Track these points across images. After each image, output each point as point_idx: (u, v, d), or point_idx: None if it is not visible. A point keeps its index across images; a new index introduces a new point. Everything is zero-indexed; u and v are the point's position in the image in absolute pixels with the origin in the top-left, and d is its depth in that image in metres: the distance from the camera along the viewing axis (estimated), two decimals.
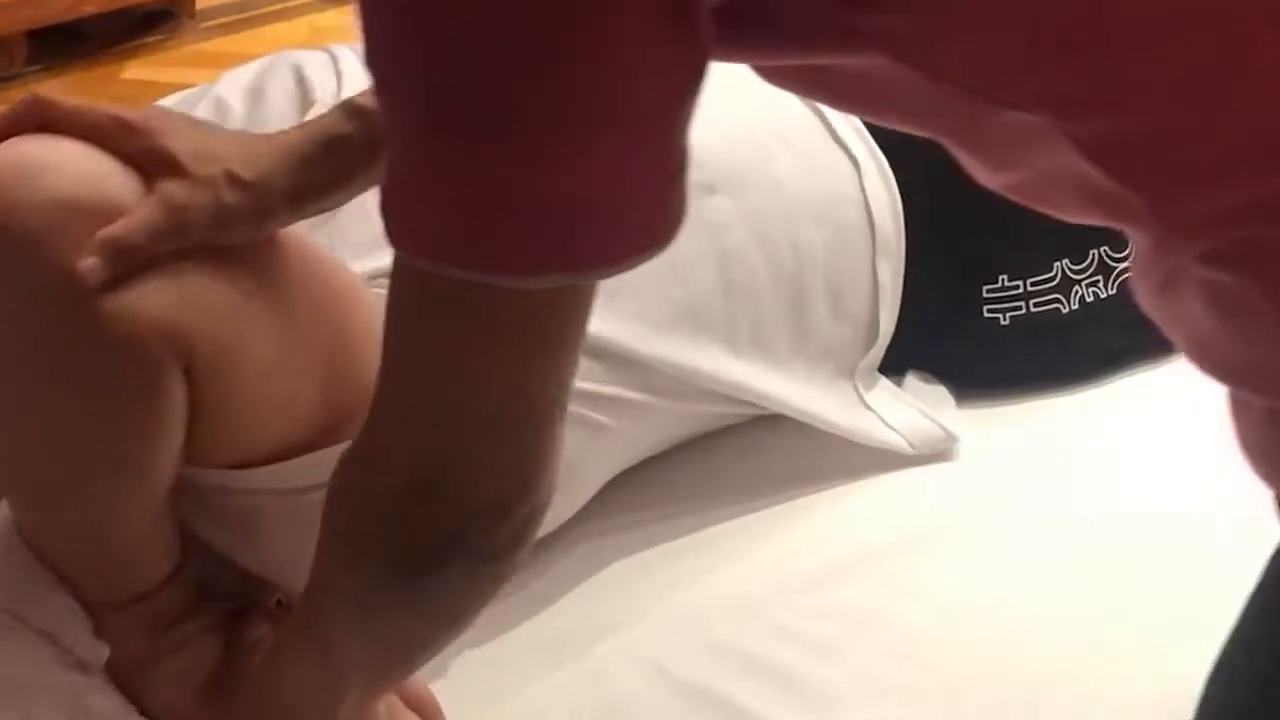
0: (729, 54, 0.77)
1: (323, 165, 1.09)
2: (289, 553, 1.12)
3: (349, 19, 2.89)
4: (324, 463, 1.00)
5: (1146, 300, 0.84)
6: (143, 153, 1.05)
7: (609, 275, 0.76)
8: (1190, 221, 0.76)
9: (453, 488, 0.86)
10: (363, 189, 1.12)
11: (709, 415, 1.45)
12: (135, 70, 2.74)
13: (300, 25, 2.84)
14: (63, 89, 2.65)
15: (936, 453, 1.48)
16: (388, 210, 0.76)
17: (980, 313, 1.52)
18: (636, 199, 0.74)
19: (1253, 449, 0.83)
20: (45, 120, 1.05)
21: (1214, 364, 0.81)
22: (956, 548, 1.40)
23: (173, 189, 1.04)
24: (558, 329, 0.82)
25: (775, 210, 1.41)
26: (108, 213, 1.01)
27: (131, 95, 2.64)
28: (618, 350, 1.34)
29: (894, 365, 1.52)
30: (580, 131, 0.71)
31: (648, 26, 0.71)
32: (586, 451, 1.34)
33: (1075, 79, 0.74)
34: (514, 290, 0.77)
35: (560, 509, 1.35)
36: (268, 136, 1.11)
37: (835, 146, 1.46)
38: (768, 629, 1.32)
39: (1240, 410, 0.83)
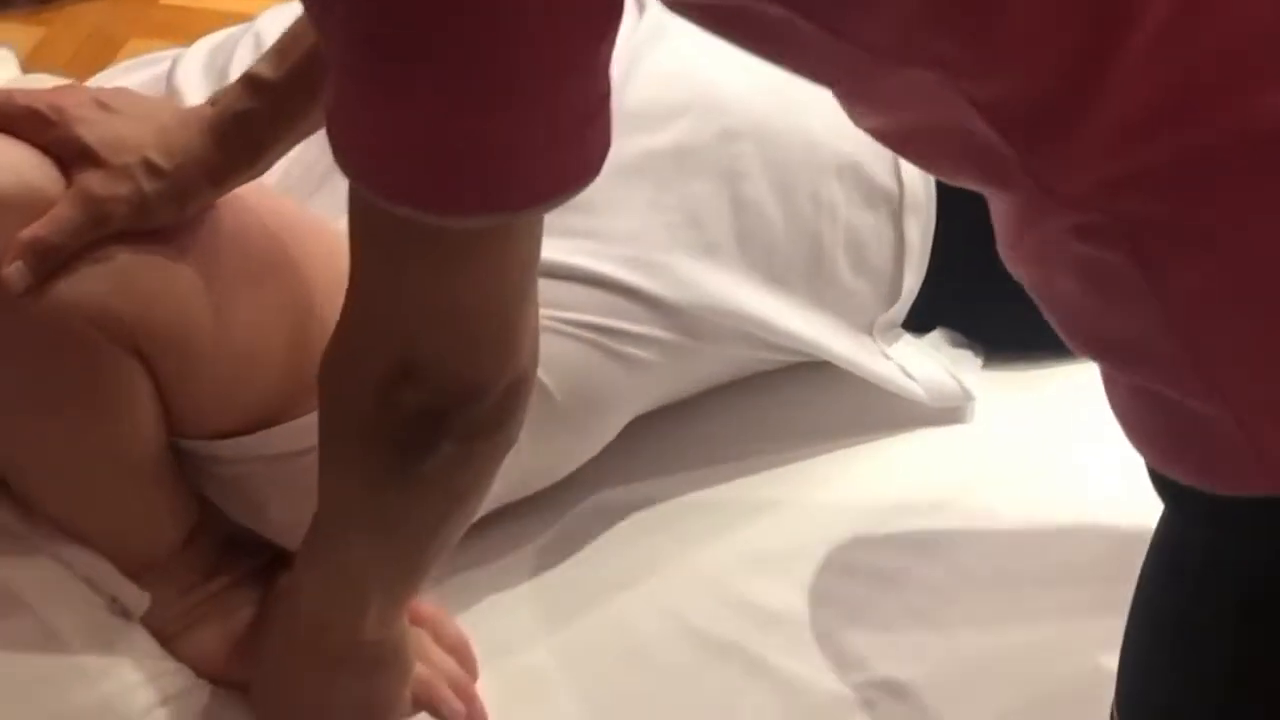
0: None
1: (235, 143, 1.10)
2: (287, 516, 1.15)
3: None
4: (310, 426, 1.05)
5: (1015, 269, 0.86)
6: (58, 144, 1.07)
7: (535, 214, 0.81)
8: (1070, 190, 0.76)
9: (426, 371, 0.90)
10: (279, 156, 1.14)
11: (740, 360, 1.43)
12: None
13: None
14: (100, 13, 2.65)
15: (953, 409, 1.46)
16: (332, 132, 0.80)
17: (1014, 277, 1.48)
18: (559, 139, 0.77)
19: (1124, 420, 0.85)
20: None
21: (1082, 338, 0.83)
22: (973, 510, 1.38)
23: (90, 181, 1.06)
24: (503, 243, 0.86)
25: (799, 163, 1.39)
26: (33, 205, 1.04)
27: (169, 22, 2.62)
28: (650, 293, 1.32)
29: (922, 323, 1.49)
30: (501, 73, 0.74)
31: None
32: (618, 385, 1.33)
33: (972, 42, 0.74)
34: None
35: (588, 443, 1.36)
36: (182, 118, 1.12)
37: None
38: (793, 585, 1.31)
39: (1109, 384, 0.85)
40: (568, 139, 0.77)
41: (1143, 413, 0.83)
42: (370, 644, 1.11)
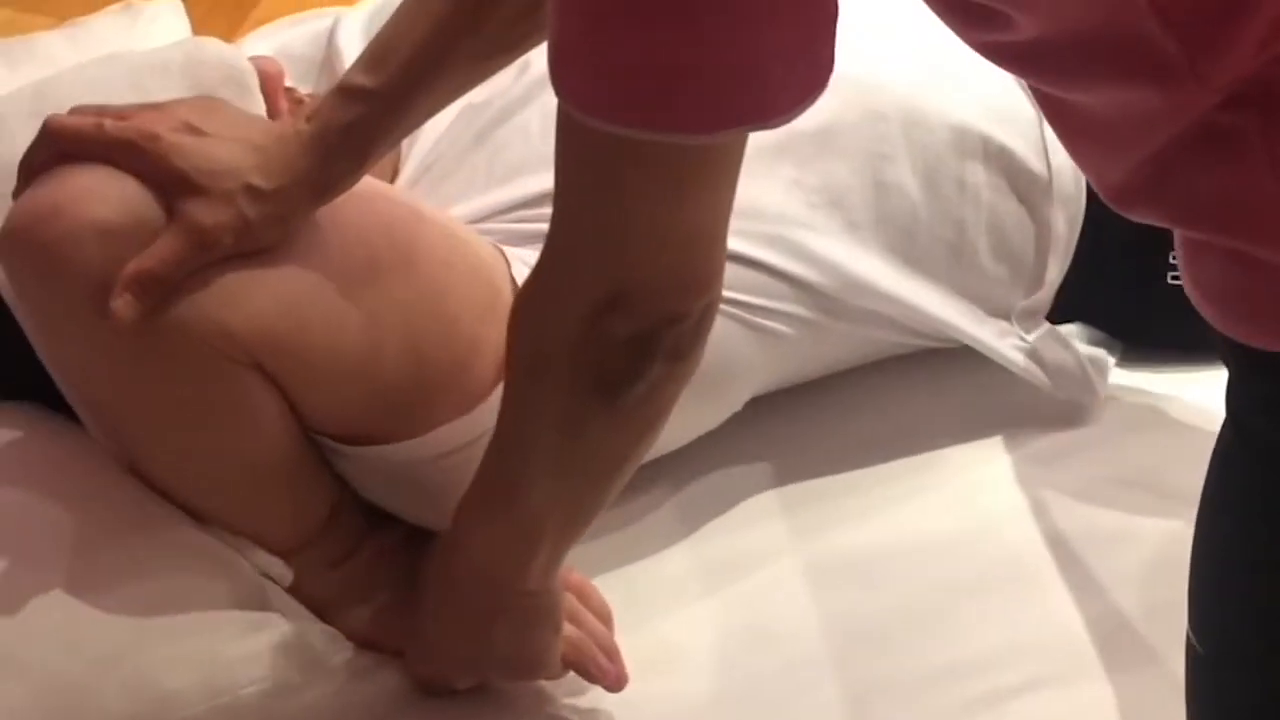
0: None
1: (339, 156, 1.11)
2: (449, 502, 1.15)
3: None
4: (473, 422, 1.13)
5: (1126, 178, 0.89)
6: (157, 173, 1.07)
7: (780, 125, 0.81)
8: (1222, 77, 0.80)
9: (637, 297, 0.92)
10: (380, 158, 1.15)
11: (873, 342, 1.43)
12: None
13: None
14: None
15: (1078, 400, 1.44)
16: (560, 73, 0.81)
17: (1164, 278, 1.47)
18: (799, 52, 0.80)
19: (1207, 290, 0.88)
20: (63, 150, 1.08)
21: (1182, 206, 0.86)
22: (1090, 512, 1.37)
23: (192, 210, 1.07)
24: (726, 162, 0.88)
25: (944, 146, 1.39)
26: (138, 236, 1.06)
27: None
28: (789, 272, 1.33)
29: (1065, 314, 1.48)
30: (756, 4, 0.77)
31: None
32: (748, 355, 1.34)
33: None
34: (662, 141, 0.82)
35: (713, 410, 1.37)
36: (279, 135, 1.11)
37: (1023, 97, 1.42)
38: (922, 578, 1.31)
39: (1197, 252, 0.88)
40: (804, 52, 0.80)
41: (1233, 278, 0.86)
42: (529, 595, 1.12)
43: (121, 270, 1.05)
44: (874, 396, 1.47)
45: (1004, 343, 1.42)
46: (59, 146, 1.09)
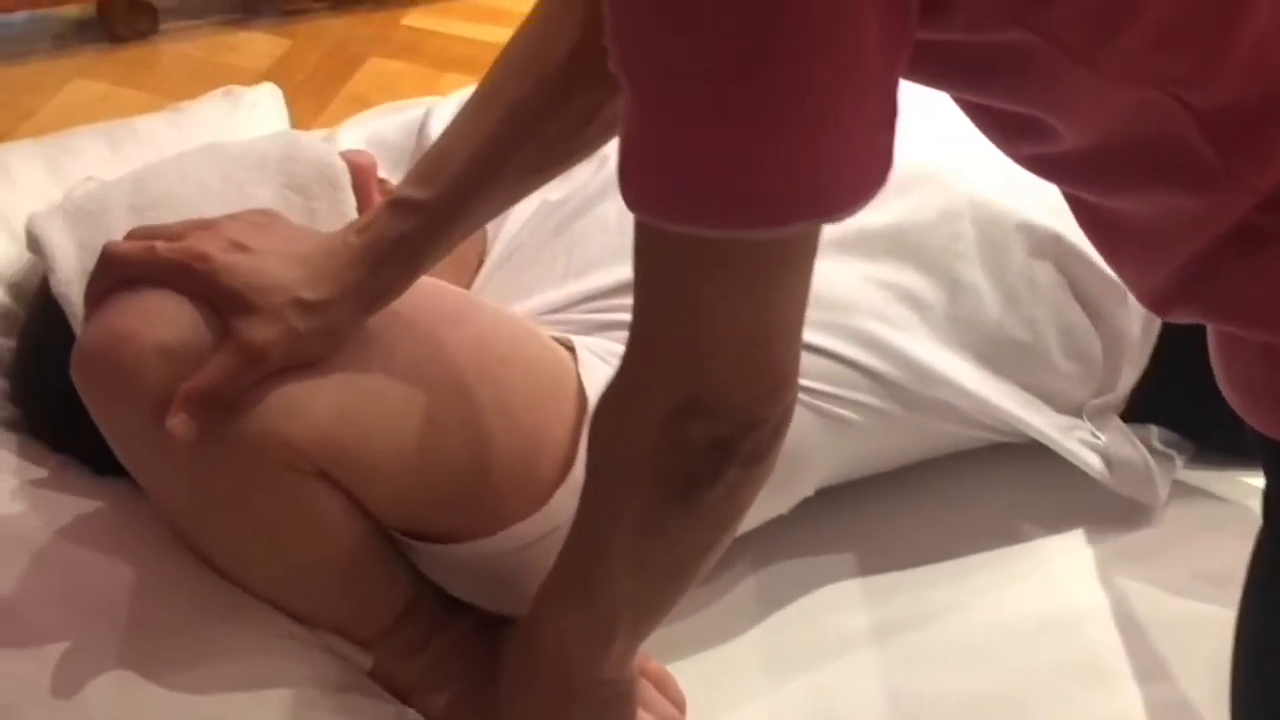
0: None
1: (391, 268, 1.13)
2: (524, 593, 1.16)
3: None
4: (541, 520, 1.16)
5: (1165, 281, 0.91)
6: (209, 294, 1.10)
7: (844, 218, 0.82)
8: (1262, 183, 0.84)
9: (717, 403, 0.93)
10: (430, 269, 1.16)
11: (944, 435, 1.44)
12: (416, 18, 2.79)
13: None
14: (346, 28, 2.73)
15: (1139, 498, 1.45)
16: (632, 177, 0.83)
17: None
18: (862, 146, 0.81)
19: (1239, 384, 0.91)
20: (122, 276, 1.12)
21: (1217, 302, 0.89)
22: (1164, 605, 1.38)
23: (243, 327, 1.09)
24: (797, 258, 0.89)
25: (1015, 245, 1.40)
26: (195, 355, 1.09)
27: (410, 42, 2.70)
28: (862, 364, 1.35)
29: (1138, 413, 1.48)
30: (816, 100, 0.78)
31: (873, 4, 0.77)
32: (819, 442, 1.35)
33: (1205, 58, 0.82)
34: (736, 238, 0.84)
35: (781, 496, 1.37)
36: (329, 248, 1.14)
37: None
38: (1000, 669, 1.32)
39: (1230, 347, 0.91)
40: (867, 146, 0.82)
41: (1264, 372, 0.89)
42: (606, 683, 1.13)
43: (173, 389, 1.08)
44: (954, 487, 1.48)
45: (1072, 438, 1.43)
46: (118, 273, 1.13)
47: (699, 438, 0.94)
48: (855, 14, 0.77)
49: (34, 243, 1.32)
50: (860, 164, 0.82)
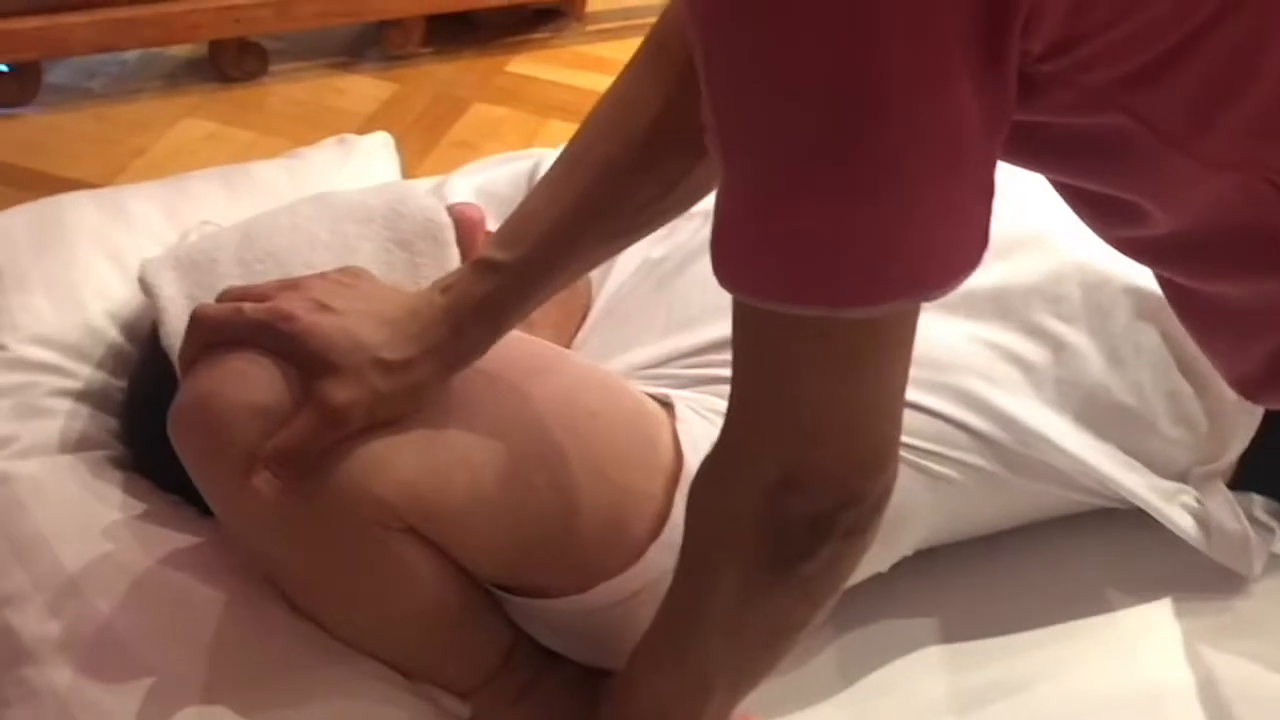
0: None
1: (473, 328, 1.14)
2: (619, 647, 1.17)
3: None
4: (632, 578, 1.16)
5: (1257, 366, 0.91)
6: (292, 354, 1.12)
7: (939, 297, 0.83)
8: None
9: (815, 481, 0.93)
10: (511, 329, 1.16)
11: (1046, 498, 1.43)
12: (520, 64, 2.82)
13: None
14: (451, 74, 2.76)
15: (1235, 568, 1.43)
16: (725, 255, 0.84)
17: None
18: (963, 224, 0.81)
19: None
20: (212, 339, 1.15)
21: None
22: (1255, 682, 1.36)
23: (324, 388, 1.11)
24: (896, 338, 0.89)
25: (1121, 309, 1.39)
26: (281, 414, 1.11)
27: (514, 88, 2.74)
28: (965, 423, 1.34)
29: (1242, 482, 1.45)
30: (915, 181, 0.79)
31: (970, 84, 0.77)
32: (920, 499, 1.34)
33: None
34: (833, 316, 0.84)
35: (884, 555, 1.37)
36: (411, 308, 1.15)
37: None
38: None
39: None
40: (963, 223, 0.82)
41: None
42: None
43: (259, 447, 1.11)
44: (1042, 553, 1.46)
45: (1173, 505, 1.41)
46: (208, 336, 1.15)
47: (798, 514, 0.94)
48: (952, 93, 0.77)
49: (146, 289, 1.35)
50: (956, 242, 0.82)
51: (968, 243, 0.82)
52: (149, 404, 1.34)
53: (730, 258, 0.84)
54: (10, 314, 1.44)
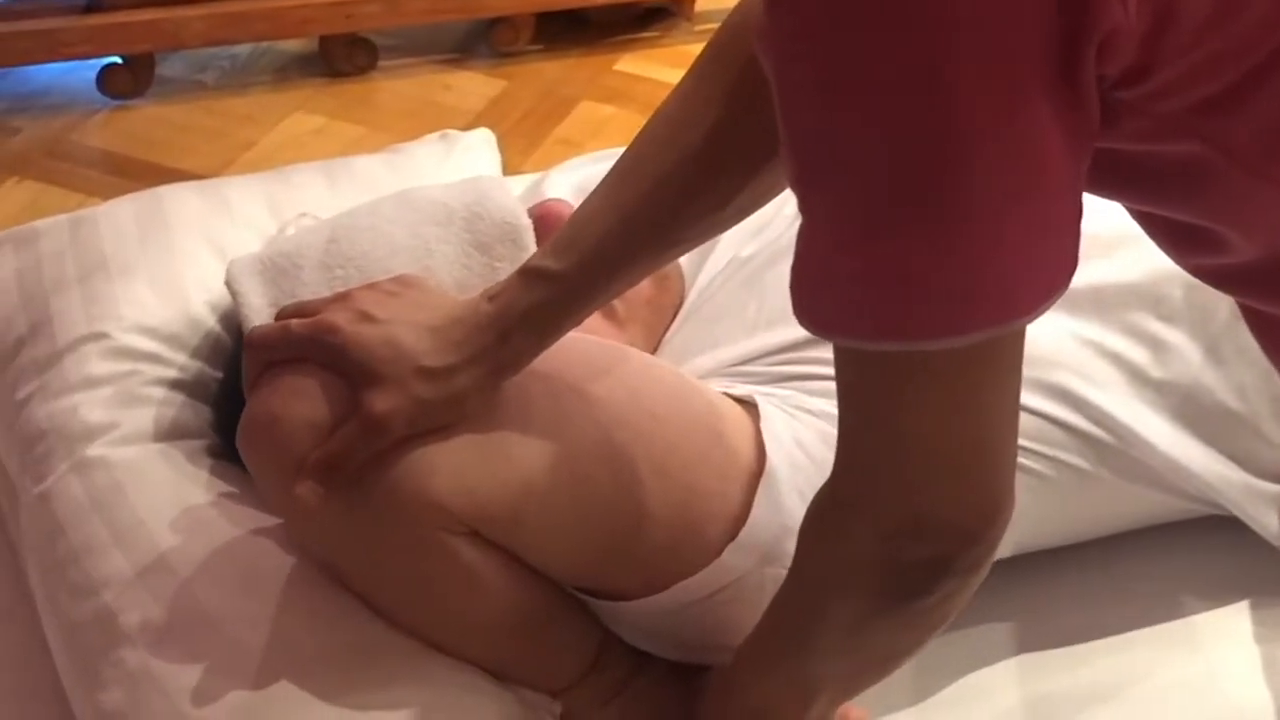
0: None
1: (520, 337, 1.14)
2: (706, 644, 1.19)
3: None
4: (708, 580, 1.17)
5: None
6: (338, 366, 1.14)
7: (1024, 325, 0.83)
8: None
9: (938, 521, 0.93)
10: (560, 338, 1.16)
11: (1142, 502, 1.41)
12: (628, 63, 2.82)
13: None
14: (559, 72, 2.77)
15: None
16: (808, 297, 0.84)
17: None
18: (1048, 252, 0.81)
19: None
20: (267, 358, 1.17)
21: None
22: None
23: (367, 398, 1.12)
24: (997, 369, 0.88)
25: (1225, 310, 1.37)
26: (330, 425, 1.13)
27: (621, 86, 2.74)
28: (1065, 421, 1.33)
29: None
30: (998, 208, 0.78)
31: (1049, 107, 0.77)
32: (1019, 499, 1.34)
33: None
34: (934, 351, 0.84)
35: None
36: (457, 316, 1.15)
37: None
38: None
39: None
40: (1049, 249, 0.81)
41: None
42: None
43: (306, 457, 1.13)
44: (1117, 560, 1.46)
45: (1264, 507, 1.39)
46: (263, 356, 1.18)
47: (916, 558, 0.95)
48: (1031, 120, 0.77)
49: (231, 293, 1.37)
50: (1041, 267, 0.81)
51: (1053, 267, 0.81)
52: (241, 395, 1.36)
53: (811, 297, 0.84)
54: (115, 303, 1.46)
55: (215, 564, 1.27)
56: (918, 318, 0.81)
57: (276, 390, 1.16)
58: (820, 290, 0.84)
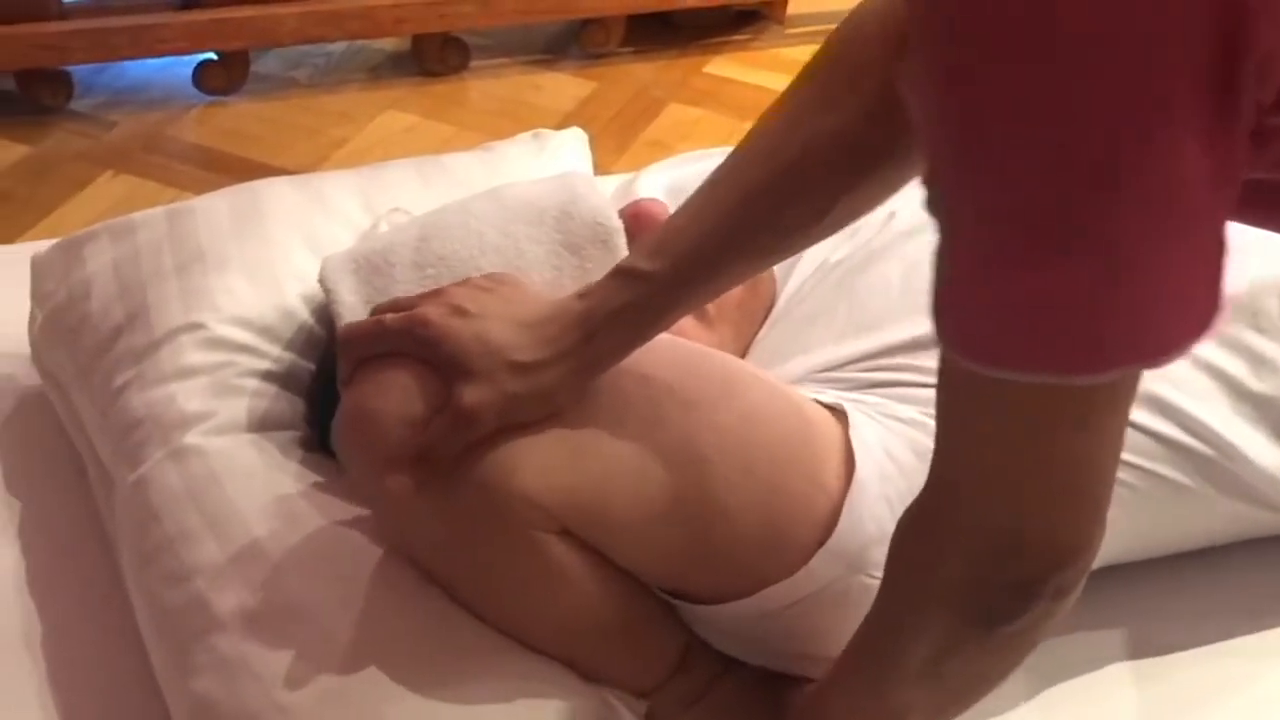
0: None
1: (608, 336, 1.14)
2: (792, 650, 1.18)
3: None
4: (796, 585, 1.17)
5: None
6: (431, 359, 1.14)
7: (1174, 360, 0.81)
8: None
9: (1033, 545, 0.93)
10: (648, 340, 1.16)
11: (1235, 518, 1.40)
12: (718, 65, 2.82)
13: None
14: (649, 74, 2.77)
15: None
16: (956, 322, 0.82)
17: None
18: (1195, 289, 0.79)
19: None
20: (361, 354, 1.18)
21: None
22: None
23: (458, 391, 1.13)
24: (1118, 403, 0.89)
25: None
26: (424, 418, 1.14)
27: (711, 89, 2.74)
28: (1162, 433, 1.33)
29: None
30: (1143, 240, 0.77)
31: (1204, 137, 0.75)
32: (1112, 511, 1.34)
33: None
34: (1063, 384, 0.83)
35: None
36: (548, 314, 1.16)
37: None
38: None
39: None
40: (1198, 287, 0.80)
41: None
42: None
43: (400, 449, 1.14)
44: (1230, 564, 1.46)
45: None
46: (358, 352, 1.19)
47: (1009, 578, 0.94)
48: (1180, 156, 0.75)
49: (325, 290, 1.38)
50: (1189, 305, 0.80)
51: (1200, 304, 0.80)
52: (333, 388, 1.37)
53: (958, 323, 0.83)
54: (211, 295, 1.48)
55: (306, 554, 1.28)
56: (1065, 352, 0.80)
57: (370, 384, 1.17)
58: (965, 316, 0.82)
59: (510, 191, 1.41)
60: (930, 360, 0.92)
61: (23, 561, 1.51)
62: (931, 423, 0.94)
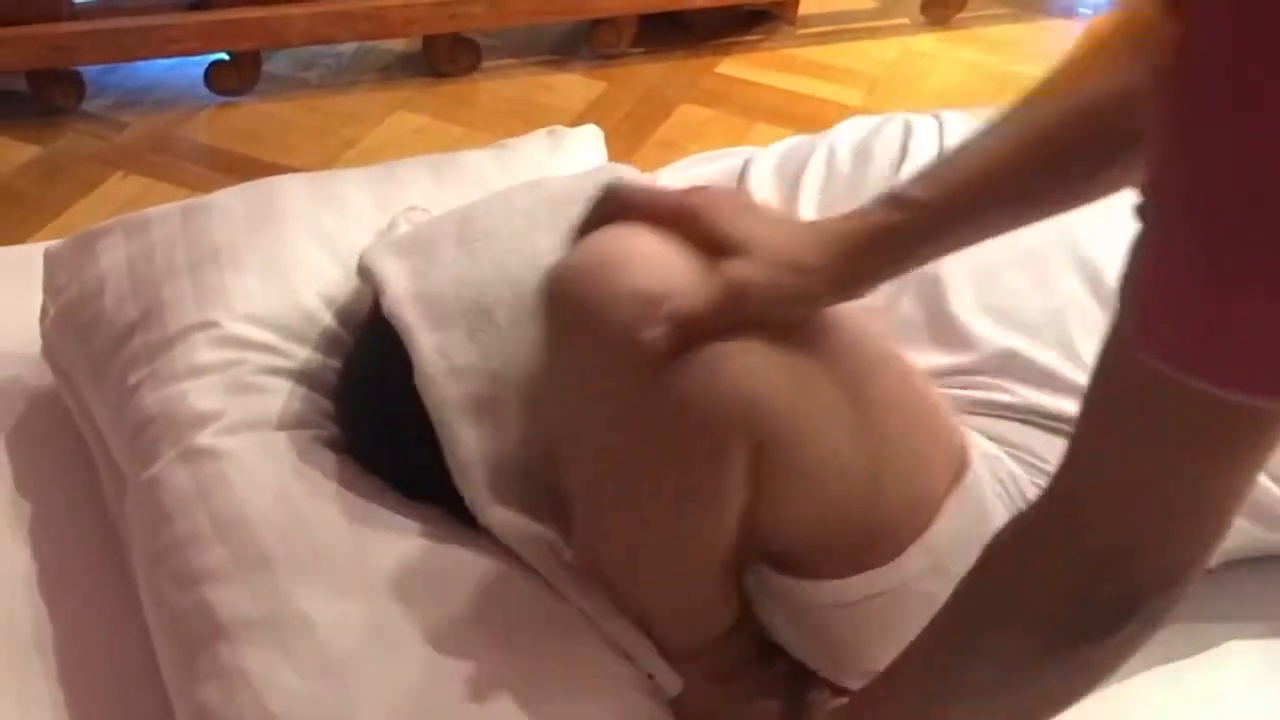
0: None
1: (865, 256, 1.11)
2: (841, 651, 1.18)
3: (941, 44, 2.92)
4: (887, 575, 1.16)
5: None
6: (706, 236, 1.11)
7: None
8: None
9: (1139, 563, 0.90)
10: (902, 273, 1.14)
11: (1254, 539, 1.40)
12: (730, 66, 2.81)
13: (892, 45, 2.87)
14: (660, 74, 2.76)
15: None
16: (1159, 323, 0.79)
17: None
18: None
19: None
20: (618, 210, 1.13)
21: None
22: None
23: (735, 267, 1.09)
24: (1271, 439, 0.85)
25: None
26: (685, 292, 1.08)
27: (722, 89, 2.73)
28: None
29: None
30: None
31: None
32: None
33: None
34: (1250, 407, 0.80)
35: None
36: (813, 225, 1.14)
37: None
38: None
39: None
40: None
41: None
42: None
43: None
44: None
45: None
46: (618, 206, 1.14)
47: (1107, 593, 0.91)
48: None
49: (364, 273, 1.37)
50: None
51: None
52: (362, 387, 1.36)
53: (1164, 327, 0.79)
54: (225, 293, 1.47)
55: (318, 564, 1.28)
56: (1258, 372, 0.77)
57: (614, 247, 1.12)
58: (1177, 326, 0.78)
59: (550, 180, 1.41)
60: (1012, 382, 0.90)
61: (34, 561, 1.51)
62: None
